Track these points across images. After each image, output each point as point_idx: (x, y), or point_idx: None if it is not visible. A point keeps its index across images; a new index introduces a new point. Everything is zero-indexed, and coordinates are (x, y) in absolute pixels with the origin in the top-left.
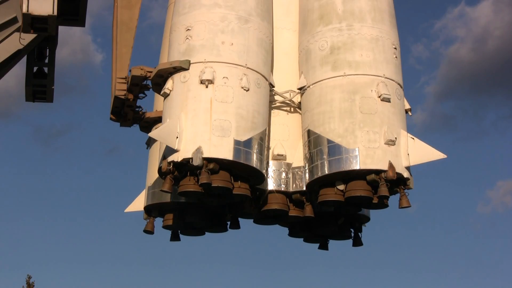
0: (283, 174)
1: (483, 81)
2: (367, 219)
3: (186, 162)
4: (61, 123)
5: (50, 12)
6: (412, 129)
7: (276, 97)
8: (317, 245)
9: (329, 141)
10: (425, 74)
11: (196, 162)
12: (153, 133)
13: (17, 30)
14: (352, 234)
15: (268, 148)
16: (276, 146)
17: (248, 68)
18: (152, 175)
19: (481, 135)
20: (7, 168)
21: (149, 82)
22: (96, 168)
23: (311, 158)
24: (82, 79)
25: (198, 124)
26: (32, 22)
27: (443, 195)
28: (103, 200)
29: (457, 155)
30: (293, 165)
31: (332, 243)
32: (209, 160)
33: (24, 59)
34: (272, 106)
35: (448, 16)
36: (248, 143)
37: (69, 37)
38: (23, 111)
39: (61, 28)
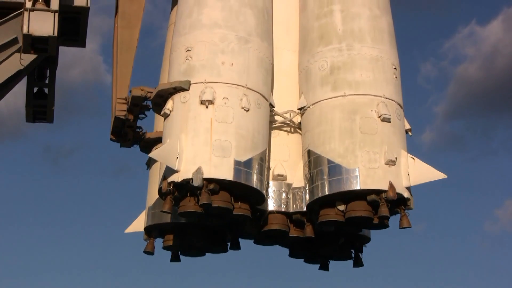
0: (284, 195)
1: (492, 100)
2: (367, 239)
3: (186, 182)
4: (70, 143)
5: (51, 33)
6: (420, 148)
7: (276, 118)
8: (318, 265)
9: (329, 161)
10: (434, 94)
11: (197, 182)
12: (153, 154)
13: (18, 50)
14: (353, 255)
15: (269, 169)
16: (276, 166)
17: (248, 88)
18: (152, 195)
19: (490, 155)
20: (15, 187)
21: (149, 103)
22: (103, 188)
23: (312, 178)
24: (92, 99)
25: (198, 144)
26: (32, 43)
27: (450, 214)
28: (107, 220)
29: (465, 174)
30: (294, 186)
31: (332, 264)
32: (209, 180)
33: (25, 79)
34: (272, 126)
35: (458, 35)
36: (248, 163)
37: (80, 57)
38: (32, 131)
39: (71, 49)
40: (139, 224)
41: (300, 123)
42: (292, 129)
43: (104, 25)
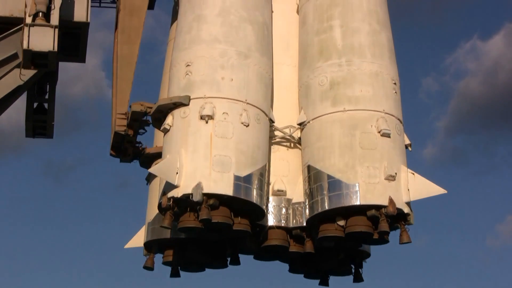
0: (283, 210)
1: (494, 115)
2: (367, 255)
3: (186, 197)
4: (72, 158)
5: (51, 48)
6: (422, 163)
7: (276, 133)
8: (318, 281)
9: (329, 177)
10: (436, 108)
11: (196, 197)
12: (153, 169)
13: (18, 66)
14: (353, 270)
15: (268, 184)
16: (276, 181)
17: (248, 103)
18: (152, 211)
19: (492, 170)
20: (16, 202)
21: (149, 118)
22: (103, 203)
23: (311, 193)
24: (94, 114)
25: (198, 159)
26: (32, 58)
27: (451, 229)
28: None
29: (467, 189)
30: (293, 201)
31: (332, 279)
32: (209, 195)
33: (25, 94)
34: (272, 141)
35: (459, 50)
36: (248, 178)
37: (82, 72)
38: (34, 146)
39: (74, 64)
40: (139, 239)
41: (300, 138)
42: (292, 144)
43: (106, 41)
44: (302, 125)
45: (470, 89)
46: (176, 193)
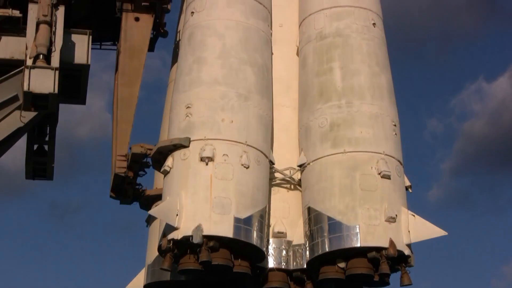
0: (284, 252)
1: (499, 157)
2: None
3: (186, 239)
4: (77, 200)
5: (51, 90)
6: (427, 205)
7: (276, 174)
8: None
9: (329, 218)
10: (440, 150)
11: (196, 239)
12: (153, 211)
13: (18, 108)
14: None
15: (269, 226)
16: (276, 223)
17: (248, 145)
18: (152, 253)
19: (497, 212)
20: (21, 244)
21: (149, 160)
22: (106, 245)
23: (312, 235)
24: (99, 156)
25: (198, 201)
26: (33, 100)
27: (456, 270)
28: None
29: (472, 231)
30: (294, 243)
31: None
32: (209, 237)
33: (25, 136)
34: (272, 183)
35: (464, 92)
36: (248, 220)
37: (87, 114)
38: (38, 188)
39: (79, 106)
40: (138, 281)
41: (300, 180)
42: (292, 186)
43: (111, 82)
44: (302, 166)
45: (475, 130)
46: (176, 235)
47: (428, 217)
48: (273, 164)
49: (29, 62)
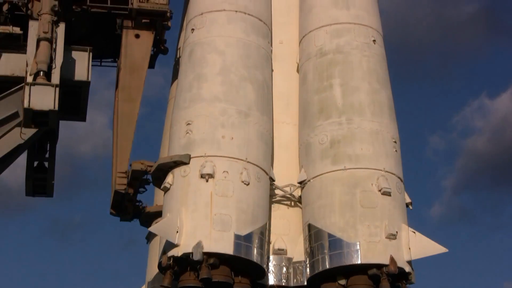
0: (284, 269)
1: (502, 174)
2: None
3: (186, 256)
4: (79, 217)
5: (51, 107)
6: (429, 222)
7: (277, 191)
8: None
9: (330, 235)
10: (442, 167)
11: (197, 257)
12: (153, 228)
13: (18, 124)
14: None
15: (269, 243)
16: (276, 240)
17: (248, 162)
18: (152, 270)
19: (499, 229)
20: (22, 261)
21: (149, 177)
22: (108, 262)
23: (312, 252)
24: (101, 173)
25: (199, 218)
26: (33, 117)
27: (458, 287)
28: None
29: (474, 248)
30: (294, 260)
31: None
32: (209, 254)
33: (25, 153)
34: (273, 200)
35: (467, 108)
36: (248, 237)
37: (91, 131)
38: (40, 204)
39: (82, 123)
40: None
41: (300, 196)
42: (293, 203)
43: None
44: (302, 183)
45: (477, 147)
46: (176, 252)
47: (431, 233)
48: (274, 181)
49: (29, 79)
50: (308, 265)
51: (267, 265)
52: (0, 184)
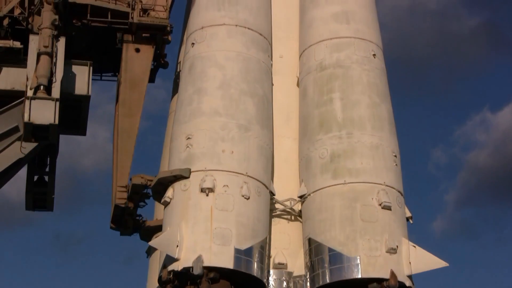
0: (284, 283)
1: (504, 188)
2: None
3: (187, 271)
4: (81, 231)
5: (52, 121)
6: (431, 236)
7: (277, 205)
8: None
9: (330, 250)
10: (444, 181)
11: (197, 271)
12: (153, 242)
13: (19, 138)
14: None
15: (269, 257)
16: (277, 254)
17: (248, 176)
18: (152, 284)
19: (501, 243)
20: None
21: (149, 191)
22: (109, 276)
23: (312, 266)
24: (104, 188)
25: (199, 232)
26: (33, 131)
27: None
28: None
29: (477, 262)
30: (294, 274)
31: None
32: (209, 268)
33: (25, 167)
34: (273, 214)
35: (469, 122)
36: (248, 251)
37: (93, 145)
38: (42, 218)
39: (84, 137)
40: None
41: (300, 211)
42: (293, 217)
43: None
44: (302, 197)
45: (479, 161)
46: (177, 266)
47: (433, 248)
48: (274, 195)
49: (29, 93)
50: (308, 279)
51: (267, 279)
52: (1, 198)
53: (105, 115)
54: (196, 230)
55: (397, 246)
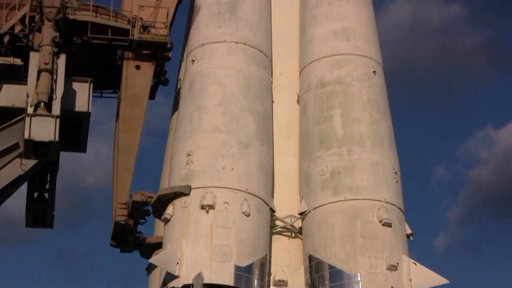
0: None
1: (507, 204)
2: None
3: None
4: (83, 248)
5: (52, 138)
6: (434, 253)
7: (277, 222)
8: None
9: (330, 267)
10: (447, 198)
11: None
12: (153, 259)
13: (19, 155)
14: None
15: (269, 274)
16: (277, 271)
17: (248, 193)
18: None
19: (505, 259)
20: None
21: (149, 208)
22: None
23: (313, 283)
24: (106, 205)
25: (199, 249)
26: (33, 148)
27: None
28: None
29: (480, 279)
30: None
31: None
32: (209, 286)
33: (25, 184)
34: (273, 231)
35: (472, 139)
36: (249, 268)
37: (95, 163)
38: (44, 235)
39: (86, 154)
40: None
41: (301, 228)
42: (293, 234)
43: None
44: (303, 214)
45: (482, 178)
46: (177, 283)
47: (435, 265)
48: (274, 212)
49: (30, 110)
50: None
51: None
52: (3, 215)
53: (106, 132)
54: (196, 247)
55: (397, 263)
